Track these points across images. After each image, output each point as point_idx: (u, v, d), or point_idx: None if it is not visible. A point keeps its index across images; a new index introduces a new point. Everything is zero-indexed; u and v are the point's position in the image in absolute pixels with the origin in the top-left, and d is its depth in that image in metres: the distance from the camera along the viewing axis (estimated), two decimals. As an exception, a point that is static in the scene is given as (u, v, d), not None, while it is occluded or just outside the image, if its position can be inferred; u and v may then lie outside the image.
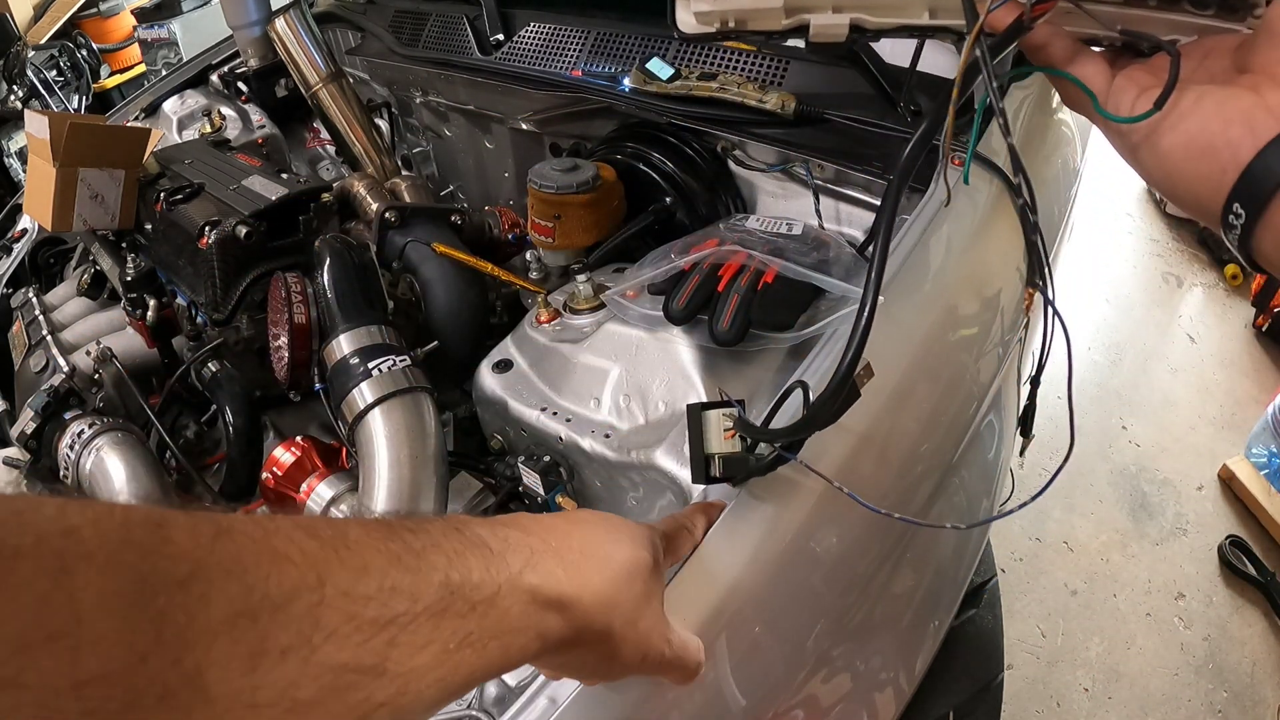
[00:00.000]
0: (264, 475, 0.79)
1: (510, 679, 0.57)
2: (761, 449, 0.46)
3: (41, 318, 1.09)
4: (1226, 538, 1.67)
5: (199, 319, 0.95)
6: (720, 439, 0.47)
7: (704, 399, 0.66)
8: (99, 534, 0.19)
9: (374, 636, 0.23)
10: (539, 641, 0.30)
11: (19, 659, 0.17)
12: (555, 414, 0.71)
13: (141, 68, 3.11)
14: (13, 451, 0.93)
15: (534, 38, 1.13)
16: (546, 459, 0.71)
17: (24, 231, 1.34)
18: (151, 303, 0.98)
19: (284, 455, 0.78)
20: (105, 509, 0.20)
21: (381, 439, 0.71)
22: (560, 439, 0.70)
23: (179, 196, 0.96)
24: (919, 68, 0.79)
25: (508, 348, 0.80)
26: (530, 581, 0.30)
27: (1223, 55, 0.35)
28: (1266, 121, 0.31)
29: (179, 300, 0.98)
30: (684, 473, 0.62)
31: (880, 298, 0.61)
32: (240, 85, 1.41)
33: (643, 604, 0.36)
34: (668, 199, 0.96)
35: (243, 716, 0.20)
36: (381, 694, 0.23)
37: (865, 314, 0.40)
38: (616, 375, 0.71)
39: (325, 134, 1.43)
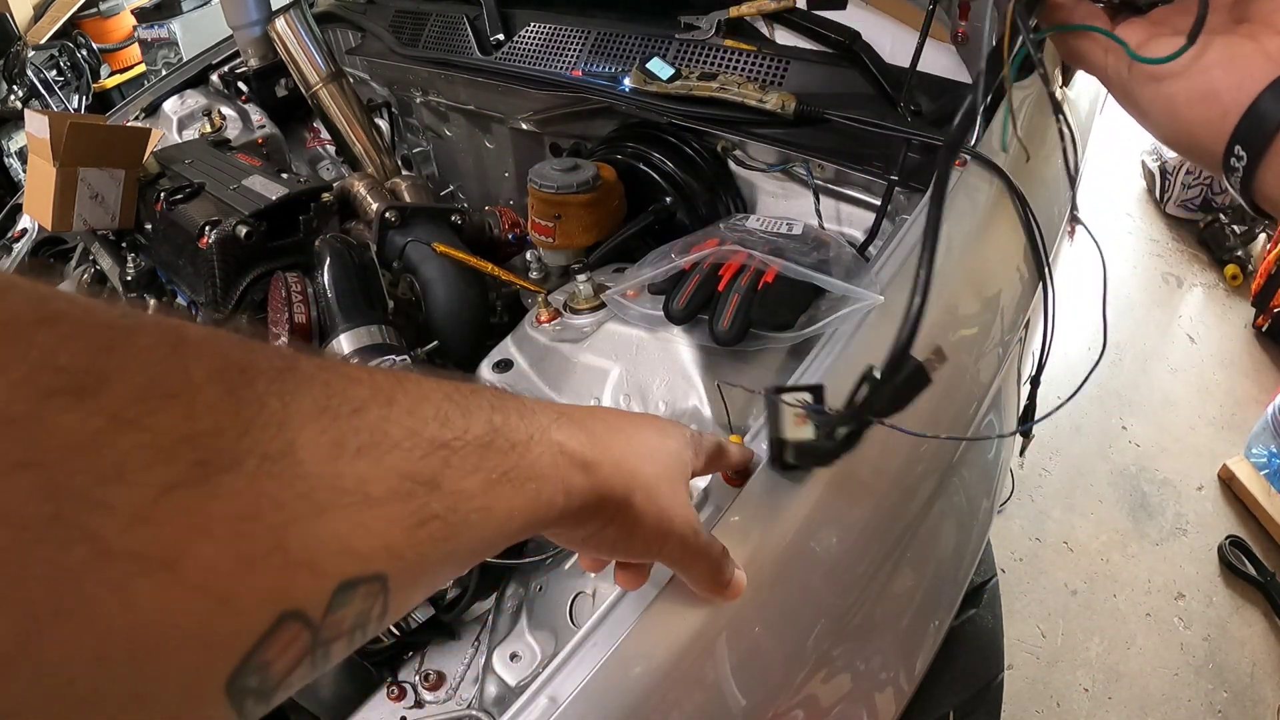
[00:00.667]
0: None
1: (510, 679, 0.57)
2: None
3: (41, 317, 1.08)
4: (1226, 538, 1.67)
5: (199, 318, 0.95)
6: (793, 425, 0.46)
7: (704, 399, 0.66)
8: (201, 332, 0.21)
9: (432, 454, 0.25)
10: (564, 496, 0.31)
11: (140, 405, 0.18)
12: (555, 414, 0.71)
13: (141, 68, 3.11)
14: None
15: (534, 38, 1.13)
16: (546, 459, 0.71)
17: (24, 231, 1.34)
18: (152, 302, 0.98)
19: (284, 455, 0.78)
20: (199, 324, 0.21)
21: (381, 439, 0.71)
22: (560, 439, 0.70)
23: (179, 196, 0.96)
24: (919, 68, 0.79)
25: (508, 347, 0.80)
26: (558, 437, 0.32)
27: (1220, 10, 0.36)
28: (1265, 66, 0.32)
29: (179, 300, 0.98)
30: (684, 472, 0.62)
31: (880, 297, 0.61)
32: (240, 85, 1.41)
33: (664, 480, 0.37)
34: (668, 199, 0.96)
35: (329, 497, 0.21)
36: (437, 505, 0.25)
37: (920, 287, 0.38)
38: (617, 375, 0.71)
39: (325, 134, 1.43)
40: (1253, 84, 0.32)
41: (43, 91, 2.81)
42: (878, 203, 0.81)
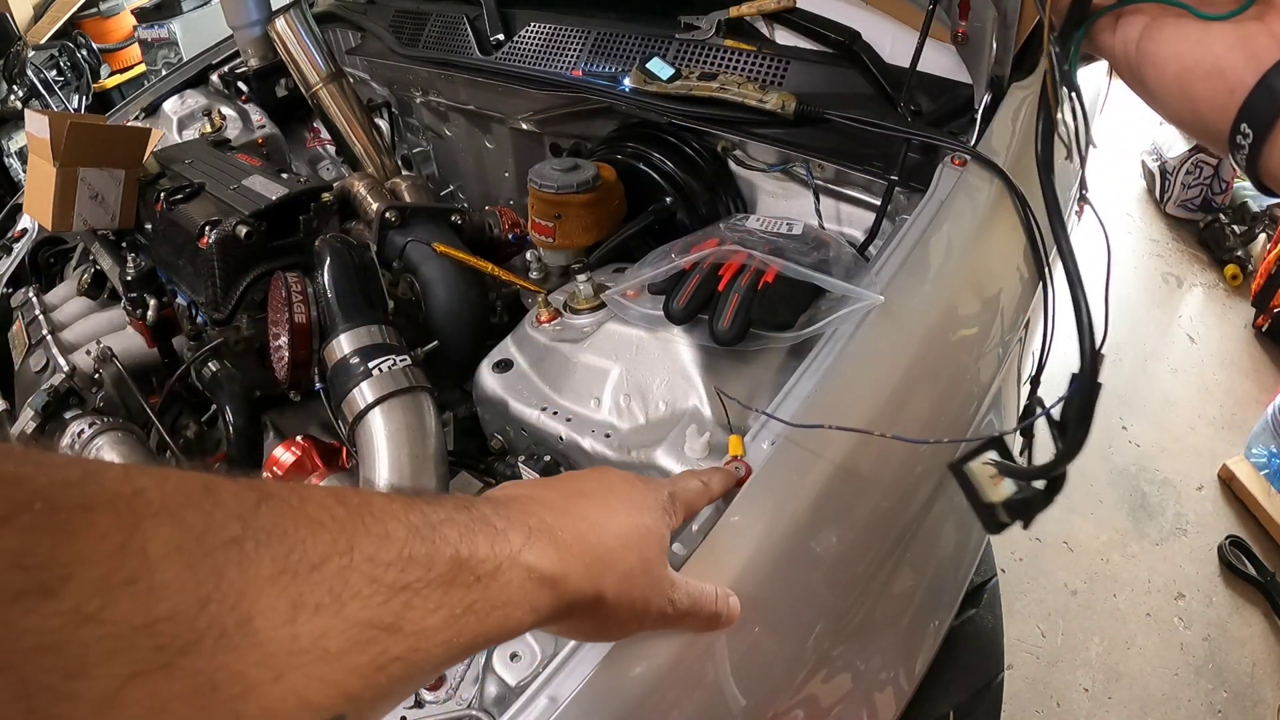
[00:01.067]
0: (264, 475, 0.79)
1: (510, 679, 0.57)
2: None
3: (41, 317, 1.08)
4: (1226, 538, 1.67)
5: (199, 319, 0.95)
6: (992, 487, 0.46)
7: (704, 399, 0.66)
8: (162, 495, 0.21)
9: (392, 599, 0.26)
10: (533, 615, 0.32)
11: (100, 598, 0.19)
12: (555, 414, 0.71)
13: (141, 68, 3.11)
14: (13, 451, 0.93)
15: (534, 38, 1.13)
16: (547, 459, 0.71)
17: (24, 231, 1.34)
18: (152, 302, 0.98)
19: (284, 455, 0.78)
20: (161, 474, 0.22)
21: (382, 438, 0.71)
22: (561, 439, 0.70)
23: (179, 196, 0.95)
24: (919, 68, 0.79)
25: (508, 347, 0.79)
26: (527, 560, 0.32)
27: None
28: (1272, 46, 0.33)
29: (179, 300, 0.98)
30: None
31: (880, 298, 0.61)
32: (240, 85, 1.40)
33: (638, 570, 0.38)
34: (668, 199, 0.96)
35: (285, 660, 0.22)
36: (397, 649, 0.25)
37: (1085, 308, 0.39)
38: (617, 375, 0.71)
39: (325, 134, 1.43)
40: (1259, 62, 0.32)
41: (43, 91, 2.81)
42: (878, 203, 0.81)
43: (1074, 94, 0.42)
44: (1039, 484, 0.44)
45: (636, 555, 0.38)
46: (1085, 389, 0.40)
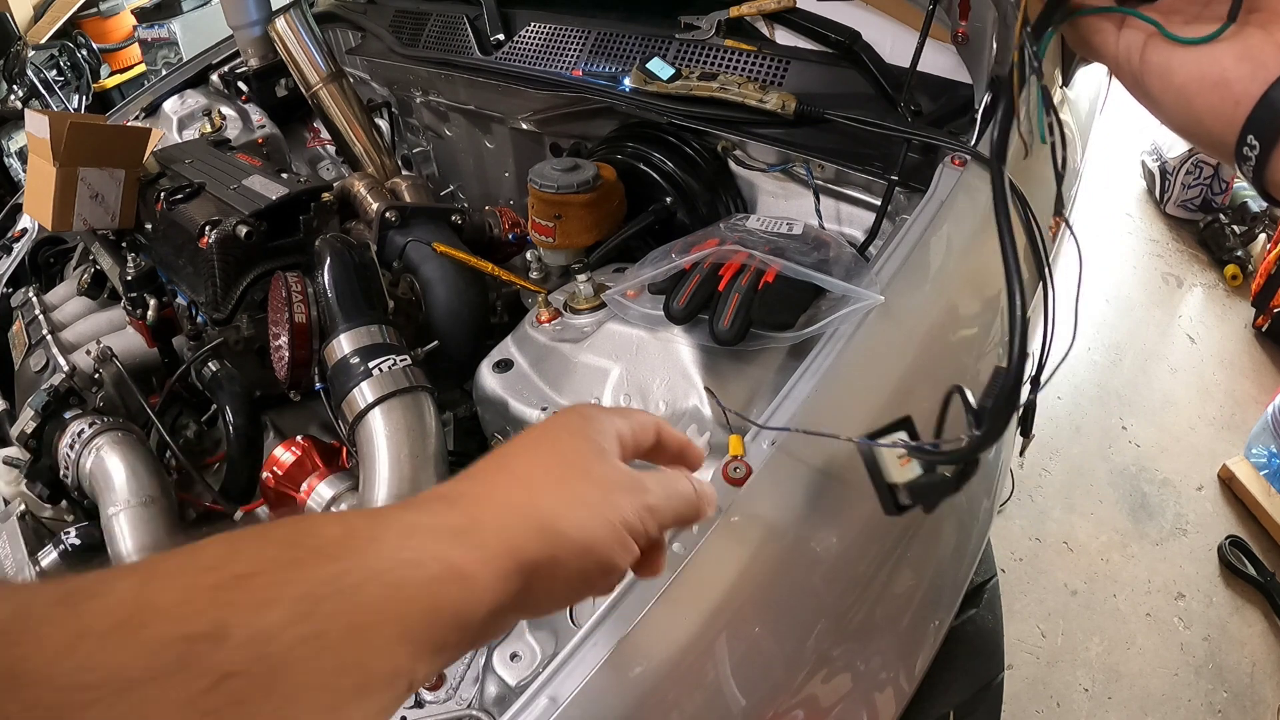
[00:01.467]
0: (264, 475, 0.79)
1: (510, 679, 0.57)
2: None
3: (41, 317, 1.08)
4: (1226, 538, 1.67)
5: (199, 318, 0.95)
6: (898, 467, 0.45)
7: (704, 399, 0.66)
8: None
9: (212, 603, 0.22)
10: (456, 585, 0.27)
11: None
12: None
13: (141, 68, 3.11)
14: (13, 451, 0.93)
15: (534, 38, 1.13)
16: (547, 459, 0.71)
17: (24, 231, 1.34)
18: (152, 302, 0.98)
19: (284, 455, 0.78)
20: None
21: (382, 438, 0.71)
22: (560, 439, 0.70)
23: (179, 196, 0.96)
24: (919, 68, 0.79)
25: (508, 347, 0.80)
26: (411, 518, 0.28)
27: None
28: (1276, 57, 0.32)
29: (179, 300, 0.98)
30: (684, 472, 0.62)
31: (880, 298, 0.61)
32: (240, 85, 1.41)
33: (576, 486, 0.33)
34: (668, 199, 0.96)
35: (70, 696, 0.20)
36: (229, 661, 0.21)
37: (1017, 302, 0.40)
38: (617, 375, 0.71)
39: (325, 134, 1.43)
40: (1265, 73, 0.32)
41: (43, 91, 2.80)
42: (878, 203, 0.81)
43: (1044, 91, 0.42)
44: (947, 470, 0.43)
45: (576, 471, 0.33)
46: (1009, 382, 0.40)
